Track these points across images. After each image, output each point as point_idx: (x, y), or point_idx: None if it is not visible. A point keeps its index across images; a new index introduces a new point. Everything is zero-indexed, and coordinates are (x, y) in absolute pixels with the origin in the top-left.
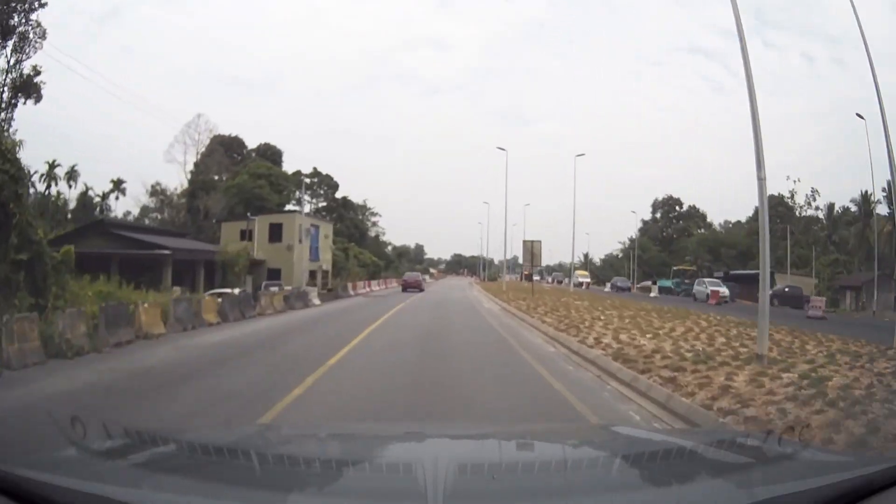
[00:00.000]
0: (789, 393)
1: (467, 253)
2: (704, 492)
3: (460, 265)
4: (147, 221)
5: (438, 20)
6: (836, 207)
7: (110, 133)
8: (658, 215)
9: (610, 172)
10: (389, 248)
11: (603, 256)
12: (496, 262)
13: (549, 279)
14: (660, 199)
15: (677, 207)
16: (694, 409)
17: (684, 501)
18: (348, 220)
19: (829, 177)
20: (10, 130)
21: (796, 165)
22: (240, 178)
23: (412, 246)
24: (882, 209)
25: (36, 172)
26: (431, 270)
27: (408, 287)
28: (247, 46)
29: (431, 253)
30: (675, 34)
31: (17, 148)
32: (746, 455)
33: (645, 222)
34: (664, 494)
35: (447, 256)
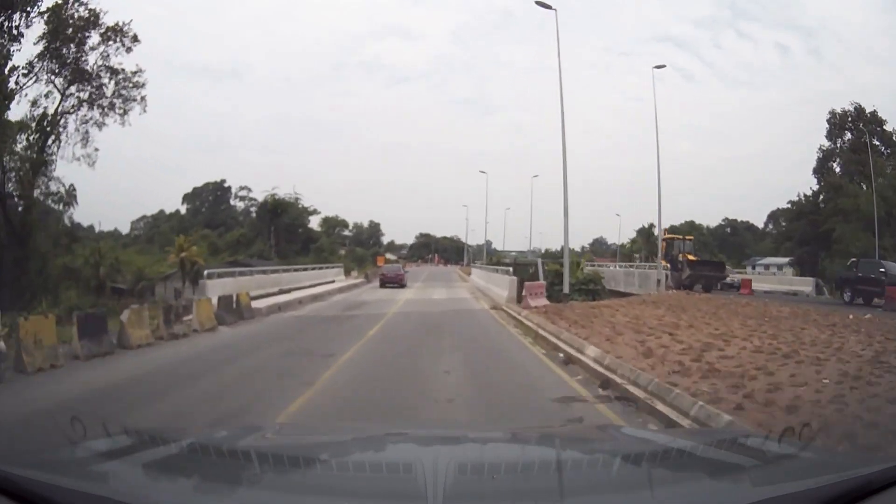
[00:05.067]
0: None
1: (438, 233)
2: (704, 492)
3: (428, 248)
4: None
5: (406, 8)
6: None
7: None
8: (841, 143)
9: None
10: (319, 218)
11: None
12: (471, 247)
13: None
14: (839, 110)
15: (884, 128)
16: None
17: (684, 501)
18: None
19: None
20: None
21: (770, 156)
22: None
23: (365, 224)
24: None
25: None
26: (390, 256)
27: (387, 282)
28: (215, 35)
29: (392, 234)
30: (645, 24)
31: None
32: (746, 455)
33: (824, 152)
34: (664, 494)
35: (410, 239)
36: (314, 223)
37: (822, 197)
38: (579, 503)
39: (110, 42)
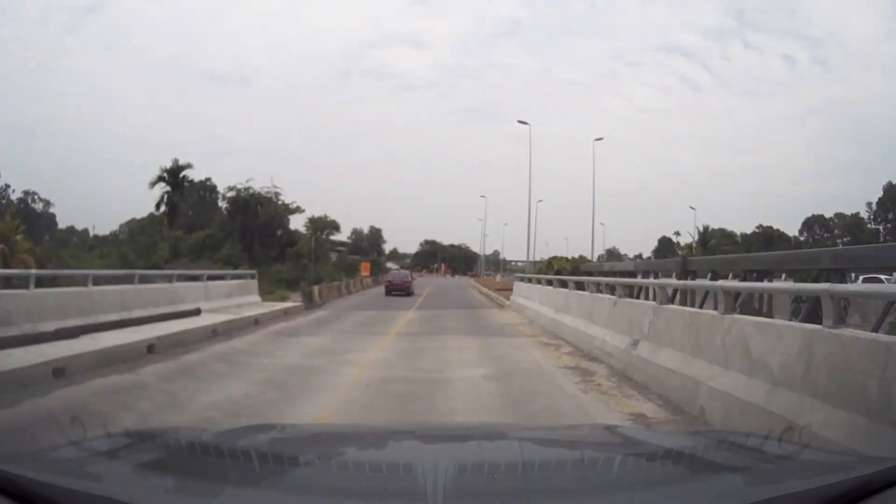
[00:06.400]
0: None
1: (446, 240)
2: (704, 492)
3: (434, 257)
4: None
5: (413, 17)
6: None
7: None
8: None
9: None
10: (305, 219)
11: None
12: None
13: None
14: None
15: None
16: None
17: (684, 501)
18: None
19: (813, 177)
20: None
21: (777, 168)
22: None
23: (366, 230)
24: None
25: None
26: (391, 265)
27: (393, 289)
28: (223, 42)
29: (395, 242)
30: (653, 34)
31: None
32: (746, 455)
33: None
34: (664, 494)
35: (414, 248)
36: (299, 224)
37: None
38: (579, 503)
39: None
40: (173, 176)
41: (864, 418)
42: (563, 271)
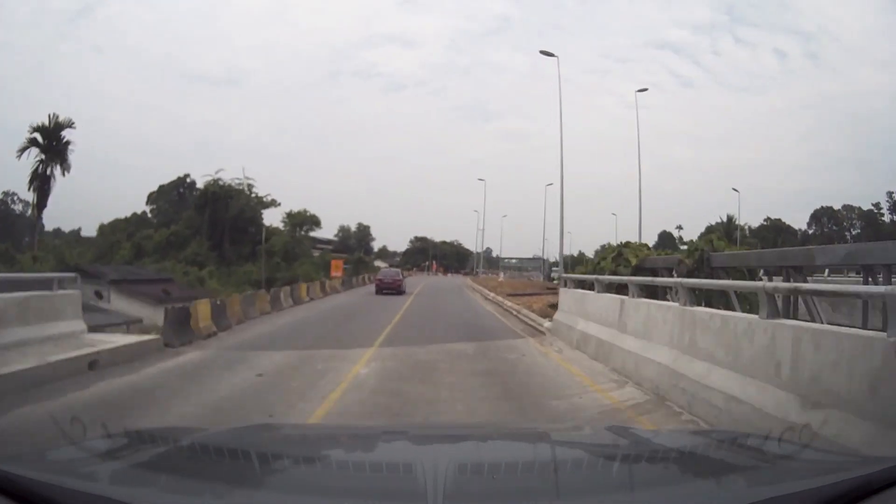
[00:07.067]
0: None
1: (437, 237)
2: (704, 492)
3: (425, 255)
4: None
5: (403, 16)
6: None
7: None
8: None
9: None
10: (282, 214)
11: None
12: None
13: None
14: None
15: None
16: None
17: (684, 501)
18: None
19: (807, 171)
20: None
21: (770, 162)
22: None
23: (353, 227)
24: None
25: None
26: (380, 264)
27: (384, 288)
28: (212, 43)
29: (385, 240)
30: (644, 30)
31: None
32: (746, 455)
33: None
34: (664, 494)
35: (405, 246)
36: (275, 220)
37: None
38: (579, 503)
39: None
40: (49, 138)
41: None
42: (651, 270)
